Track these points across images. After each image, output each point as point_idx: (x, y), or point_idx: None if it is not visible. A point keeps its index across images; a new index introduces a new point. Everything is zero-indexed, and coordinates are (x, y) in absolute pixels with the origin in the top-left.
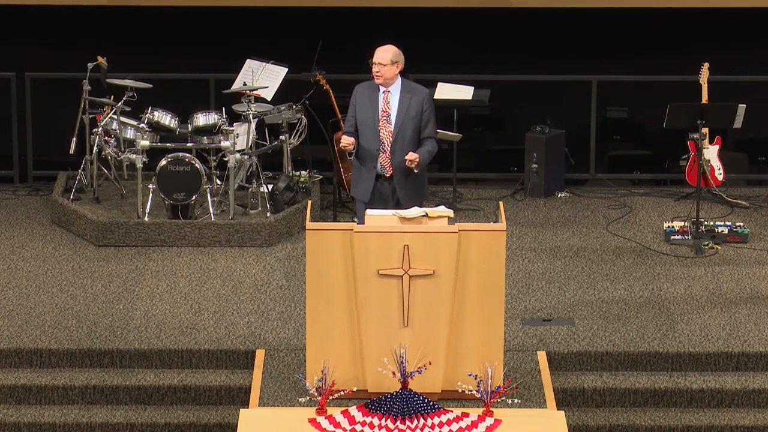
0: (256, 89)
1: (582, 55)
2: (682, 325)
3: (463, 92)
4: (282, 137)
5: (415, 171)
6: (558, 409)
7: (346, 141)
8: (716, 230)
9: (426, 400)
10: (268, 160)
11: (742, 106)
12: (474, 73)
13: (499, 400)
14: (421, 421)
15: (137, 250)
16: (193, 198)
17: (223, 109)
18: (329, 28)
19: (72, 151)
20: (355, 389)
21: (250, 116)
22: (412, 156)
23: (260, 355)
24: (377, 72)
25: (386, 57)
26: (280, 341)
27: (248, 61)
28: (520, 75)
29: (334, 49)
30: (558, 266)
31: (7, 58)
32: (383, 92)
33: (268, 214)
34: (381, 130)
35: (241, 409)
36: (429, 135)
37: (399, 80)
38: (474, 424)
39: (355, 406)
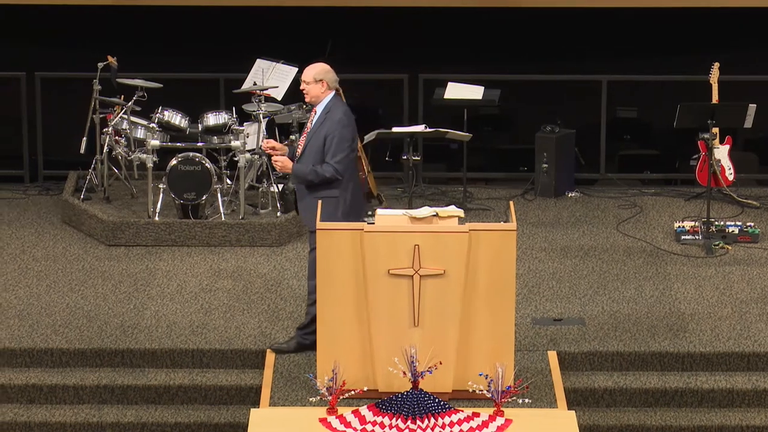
0: (266, 89)
1: (592, 55)
2: (692, 325)
3: (473, 92)
4: (292, 137)
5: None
6: (568, 409)
7: (266, 145)
8: (727, 230)
9: (436, 400)
10: None
11: (752, 106)
12: (484, 73)
13: (509, 399)
14: (432, 420)
15: (148, 250)
16: (204, 198)
17: (234, 108)
18: (339, 27)
19: (82, 151)
20: (365, 389)
21: (261, 116)
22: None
23: (271, 355)
24: (302, 89)
25: (309, 74)
26: None
27: (258, 60)
28: (530, 75)
29: (344, 49)
30: (568, 266)
31: (18, 57)
32: (312, 110)
33: (279, 213)
34: (298, 147)
35: (251, 409)
36: (327, 161)
37: (327, 100)
38: (485, 424)
39: (365, 406)
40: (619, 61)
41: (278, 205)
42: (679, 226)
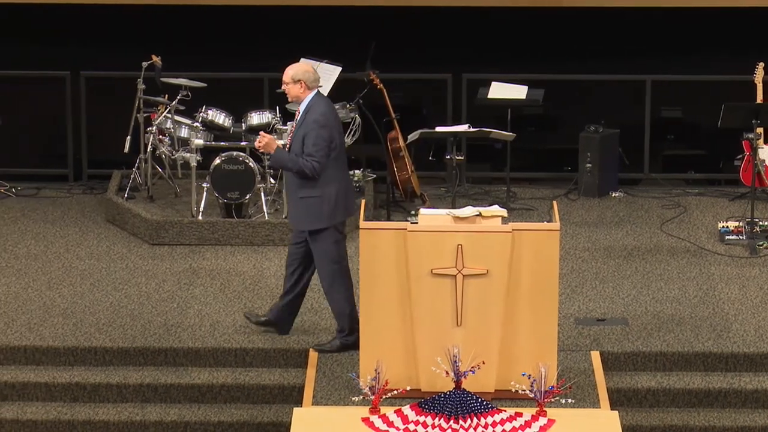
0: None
1: (636, 55)
2: (736, 325)
3: (517, 92)
4: None
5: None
6: (612, 410)
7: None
8: None
9: (479, 400)
10: None
11: None
12: (528, 73)
13: (552, 399)
14: (475, 420)
15: (191, 249)
16: (247, 197)
17: (277, 108)
18: (383, 27)
19: (126, 150)
20: (408, 388)
21: None
22: (264, 138)
23: (314, 354)
24: (282, 89)
25: (287, 75)
26: None
27: (302, 60)
28: (574, 74)
29: (387, 49)
30: (612, 266)
31: (62, 57)
32: (297, 110)
33: None
34: (286, 147)
35: (294, 408)
36: (304, 155)
37: (307, 99)
38: (527, 424)
39: (408, 406)
40: (663, 61)
41: None
42: (723, 227)
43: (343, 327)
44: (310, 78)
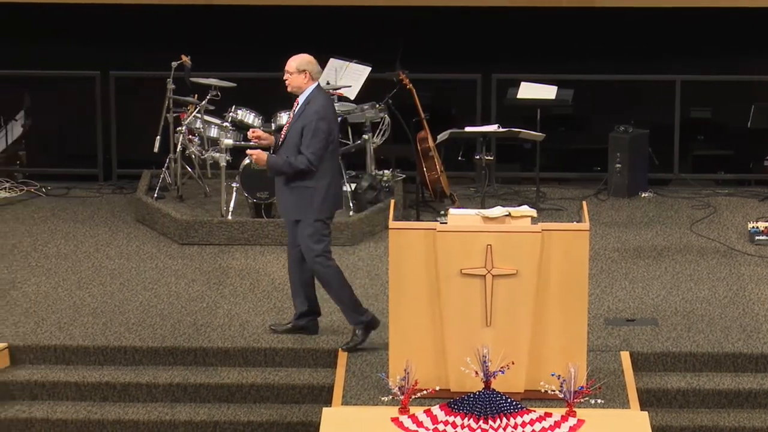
0: (340, 88)
1: (666, 55)
2: (766, 325)
3: (547, 92)
4: (365, 136)
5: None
6: (641, 410)
7: (251, 134)
8: None
9: (509, 400)
10: (351, 159)
11: None
12: (557, 73)
13: (582, 400)
14: (504, 420)
15: (220, 249)
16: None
17: None
18: (413, 27)
19: (156, 150)
20: (437, 388)
21: None
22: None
23: (343, 354)
24: (285, 79)
25: (292, 65)
26: None
27: (331, 59)
28: (604, 75)
29: (417, 49)
30: (641, 266)
31: (92, 57)
32: (295, 101)
33: (351, 213)
34: (280, 137)
35: (323, 408)
36: (301, 151)
37: (308, 91)
38: (557, 424)
39: (437, 406)
40: (692, 61)
41: (350, 204)
42: (752, 227)
43: (354, 309)
44: (315, 69)
